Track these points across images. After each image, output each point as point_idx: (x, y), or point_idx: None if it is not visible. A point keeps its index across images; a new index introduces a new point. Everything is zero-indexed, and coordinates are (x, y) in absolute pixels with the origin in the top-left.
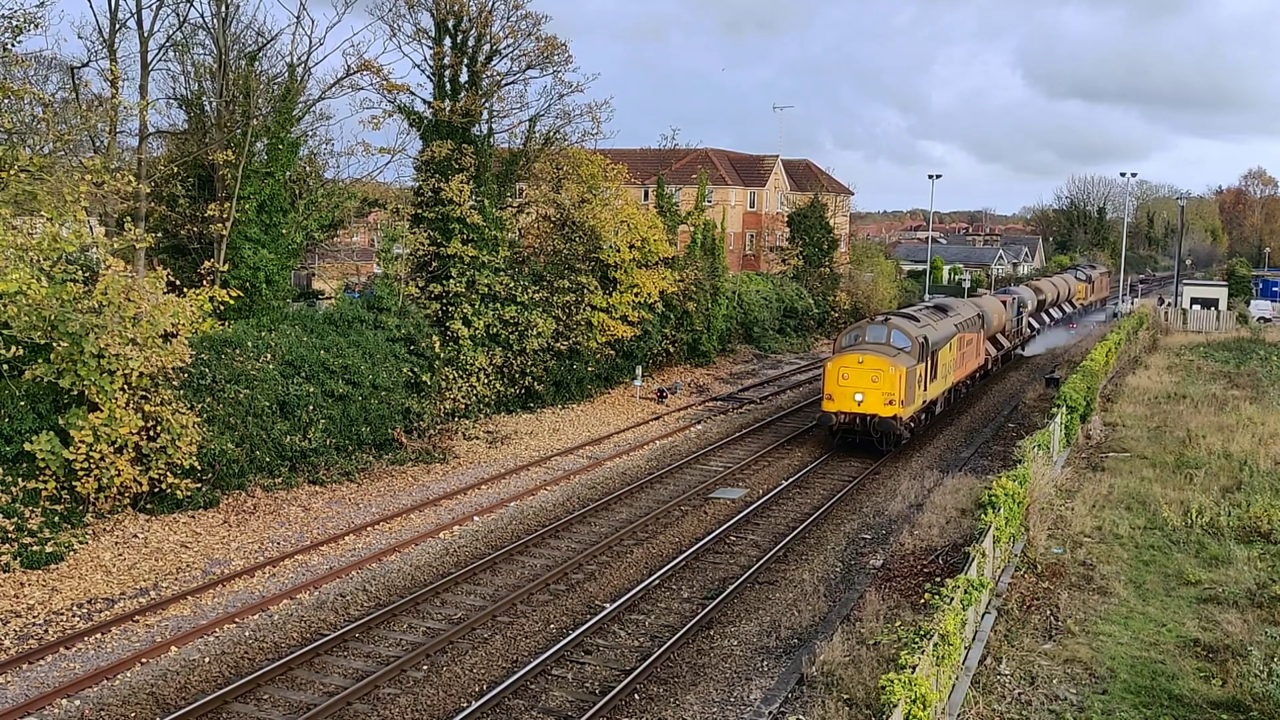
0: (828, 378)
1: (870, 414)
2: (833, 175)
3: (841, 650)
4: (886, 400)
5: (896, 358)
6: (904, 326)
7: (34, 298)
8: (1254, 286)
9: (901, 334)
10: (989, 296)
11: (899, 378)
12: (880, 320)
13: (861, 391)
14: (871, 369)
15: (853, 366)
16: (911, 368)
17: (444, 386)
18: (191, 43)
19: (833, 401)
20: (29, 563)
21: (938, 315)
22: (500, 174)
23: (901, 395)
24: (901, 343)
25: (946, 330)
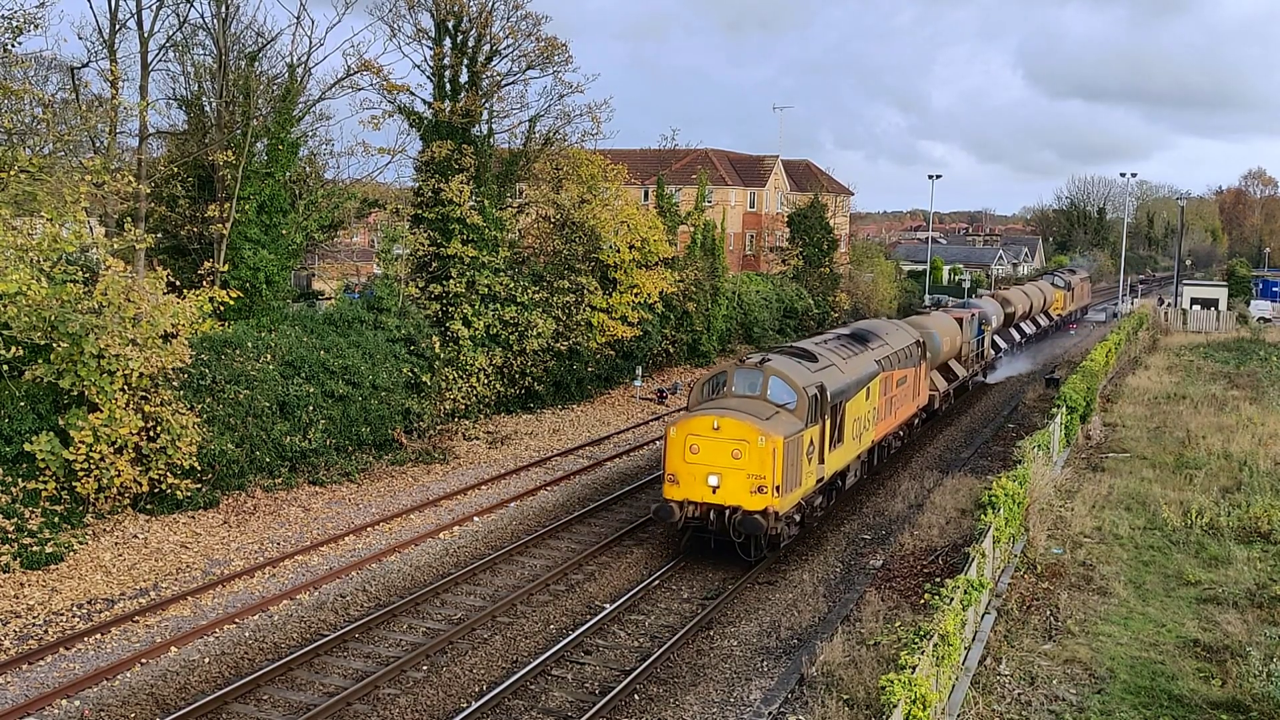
0: (670, 450)
1: (730, 506)
2: (833, 175)
3: (841, 650)
4: (754, 486)
5: (772, 421)
6: (788, 371)
7: (34, 298)
8: (1254, 287)
9: (783, 383)
10: (939, 314)
11: (773, 452)
12: (754, 363)
13: (717, 472)
14: (732, 439)
15: (705, 435)
16: (795, 435)
17: (444, 387)
18: (191, 43)
19: (677, 485)
20: (29, 563)
21: (851, 348)
22: (500, 174)
23: (777, 477)
24: (783, 396)
25: (862, 370)
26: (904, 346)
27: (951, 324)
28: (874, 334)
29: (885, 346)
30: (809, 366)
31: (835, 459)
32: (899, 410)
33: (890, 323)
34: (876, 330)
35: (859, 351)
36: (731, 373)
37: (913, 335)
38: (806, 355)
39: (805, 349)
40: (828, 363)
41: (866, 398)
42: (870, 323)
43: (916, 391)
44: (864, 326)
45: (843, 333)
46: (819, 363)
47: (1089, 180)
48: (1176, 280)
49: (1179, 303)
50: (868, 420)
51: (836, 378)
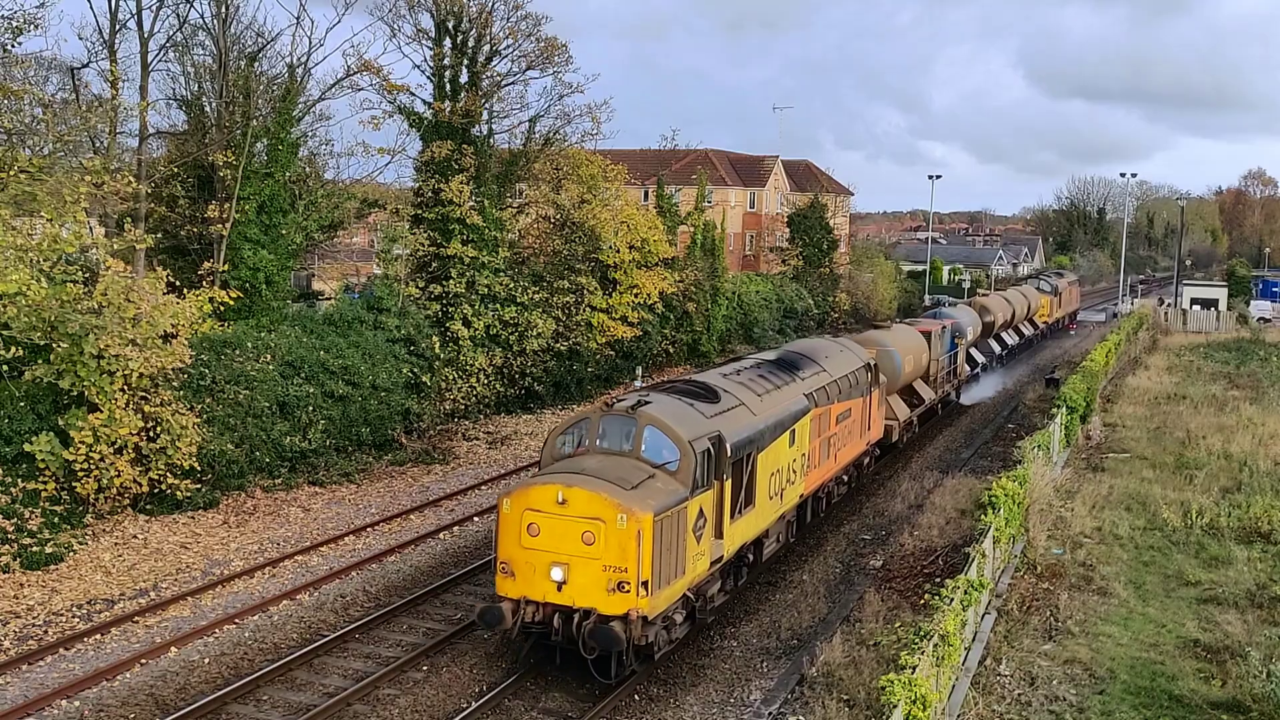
0: (503, 529)
1: (580, 608)
2: (833, 176)
3: (841, 651)
4: (612, 582)
5: (641, 490)
6: (671, 419)
7: (34, 298)
8: (1254, 287)
9: (663, 435)
10: (902, 327)
11: (637, 535)
12: (626, 408)
13: (564, 561)
14: (583, 516)
15: (547, 510)
16: (674, 507)
17: (444, 387)
18: (191, 43)
19: (511, 579)
20: (29, 563)
21: (772, 380)
22: (500, 174)
23: (644, 569)
24: (663, 453)
25: (785, 407)
26: (848, 373)
27: (916, 339)
28: (807, 358)
29: (820, 374)
30: (704, 410)
31: (742, 529)
32: (842, 451)
33: (833, 343)
34: (812, 353)
35: (783, 383)
36: (595, 421)
37: (861, 357)
38: (704, 393)
39: (706, 384)
40: (733, 402)
41: (791, 442)
42: (806, 344)
43: (867, 424)
44: (796, 350)
45: (766, 359)
46: (720, 403)
47: (1089, 180)
48: (1176, 280)
49: (1179, 303)
50: (793, 471)
51: (744, 422)
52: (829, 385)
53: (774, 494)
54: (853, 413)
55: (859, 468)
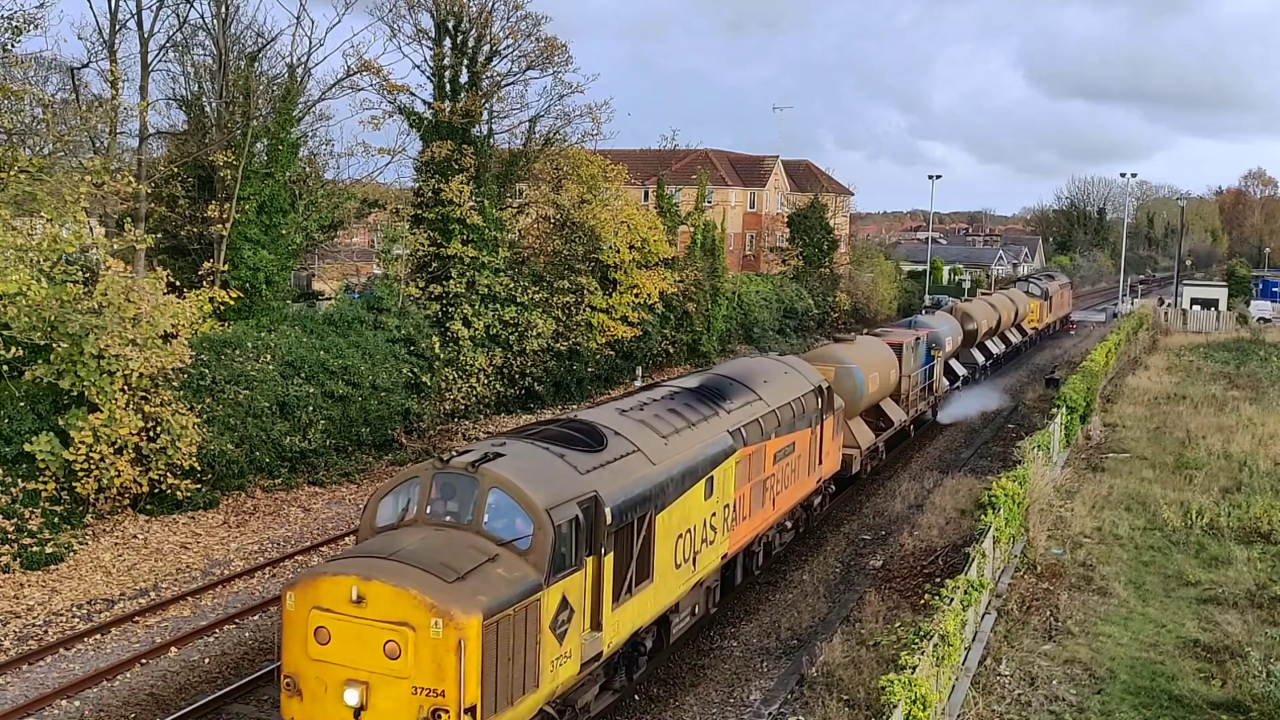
0: (287, 632)
1: None
2: (833, 176)
3: (841, 651)
4: (426, 710)
5: (474, 579)
6: (523, 479)
7: (34, 298)
8: (1254, 287)
9: (511, 501)
10: (868, 340)
11: (458, 646)
12: (466, 464)
13: (362, 680)
14: (384, 622)
15: (341, 611)
16: (516, 604)
17: (444, 387)
18: (191, 43)
19: (299, 699)
20: (29, 563)
21: (687, 414)
22: (500, 174)
23: (470, 692)
24: (512, 525)
25: (699, 450)
26: (791, 400)
27: (883, 354)
28: (739, 384)
29: (753, 404)
30: (579, 462)
31: (633, 612)
32: (783, 495)
33: (776, 363)
34: (745, 378)
35: (700, 418)
36: (426, 481)
37: (810, 380)
38: (585, 438)
39: (591, 426)
40: (624, 449)
41: (709, 493)
42: (740, 366)
43: (818, 458)
44: (726, 374)
45: (685, 386)
46: (605, 451)
47: (1089, 180)
48: (1176, 280)
49: (1179, 303)
50: (711, 528)
51: (636, 475)
52: (764, 417)
53: (683, 560)
54: (797, 447)
55: (808, 508)
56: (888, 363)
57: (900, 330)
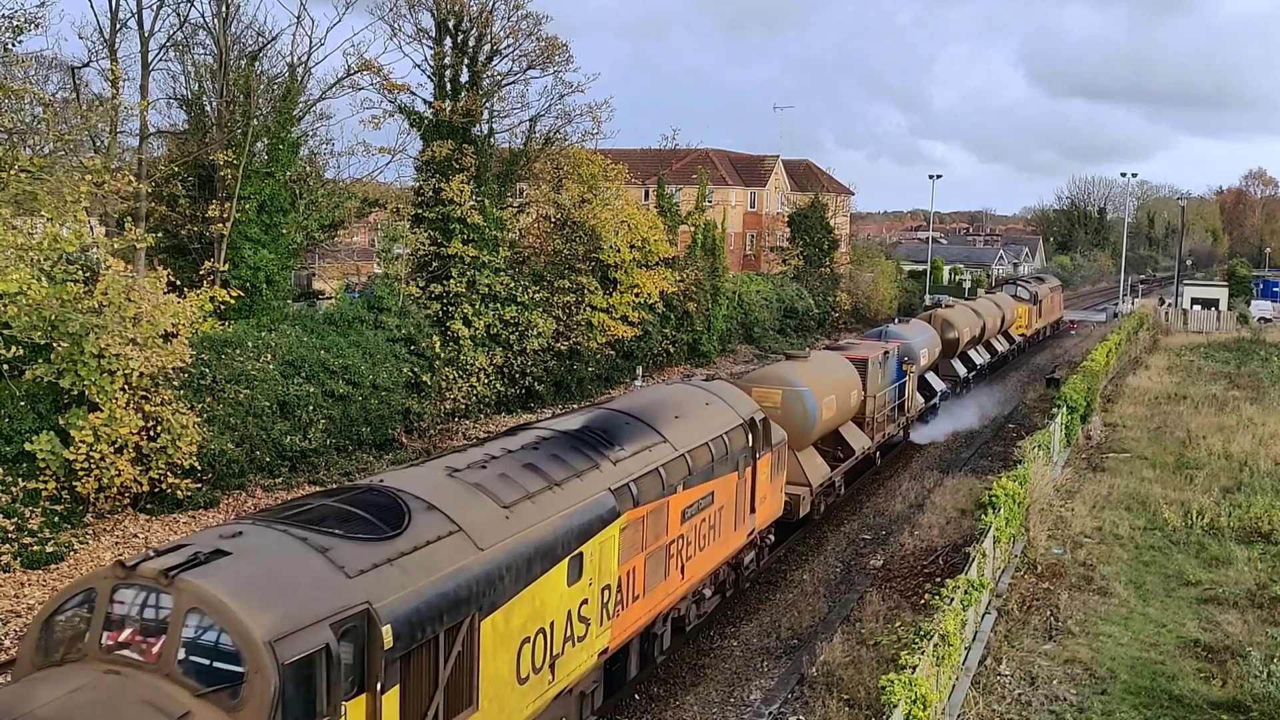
0: None
1: None
2: (833, 175)
3: (841, 650)
4: None
5: None
6: (234, 597)
7: (34, 298)
8: (1254, 287)
9: (217, 627)
10: (825, 355)
11: None
12: (157, 574)
13: None
14: None
15: None
16: None
17: (444, 387)
18: (192, 43)
19: None
20: (29, 563)
21: (546, 470)
22: (501, 174)
23: None
24: (219, 658)
25: (561, 520)
26: (710, 439)
27: (843, 372)
28: (638, 423)
29: (654, 449)
30: (350, 557)
31: None
32: (698, 559)
33: (696, 392)
34: (648, 414)
35: (572, 474)
36: (104, 596)
37: (738, 412)
38: (373, 518)
39: (391, 496)
40: (435, 530)
41: (576, 576)
42: (644, 399)
43: (749, 506)
44: (624, 409)
45: (559, 429)
46: (401, 535)
47: (1089, 180)
48: (1177, 280)
49: (1179, 303)
50: (580, 621)
51: (446, 568)
52: (669, 465)
53: (533, 670)
54: (718, 497)
55: (739, 567)
56: (848, 382)
57: (868, 343)
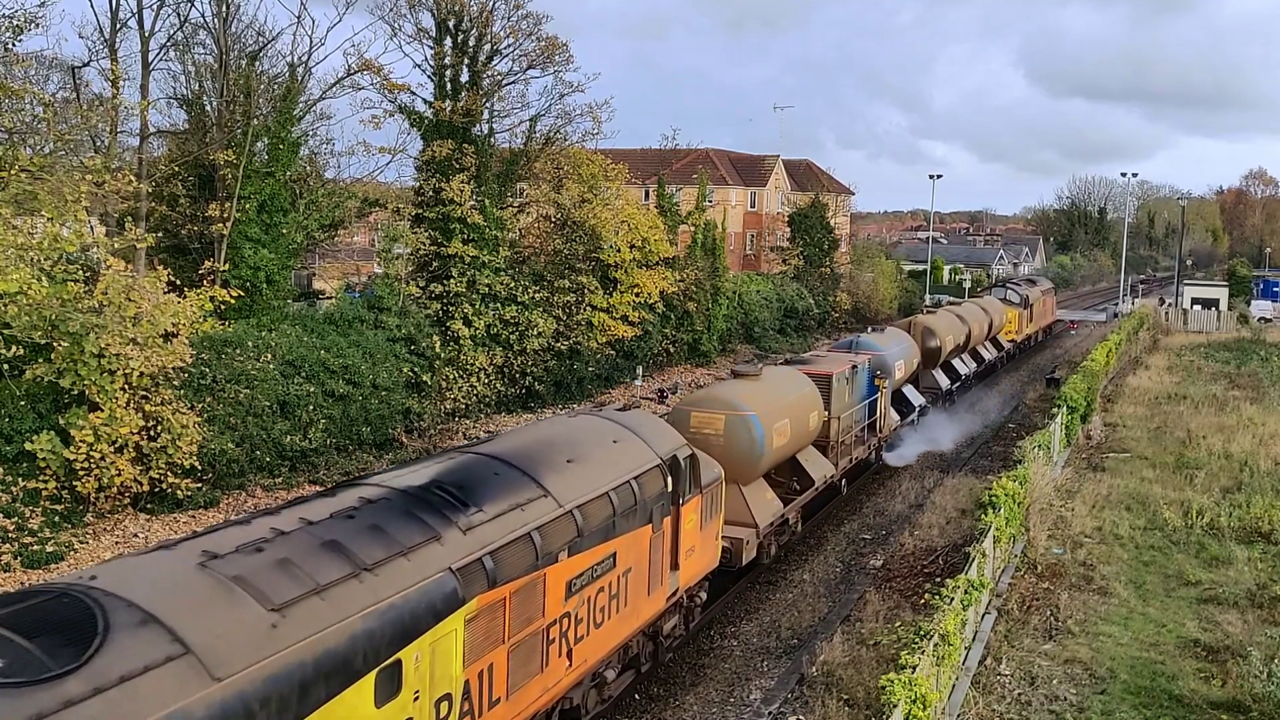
0: None
1: None
2: (834, 175)
3: (841, 650)
4: None
5: None
6: None
7: (34, 297)
8: (1254, 287)
9: None
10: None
11: None
12: None
13: None
14: None
15: None
16: None
17: (444, 386)
18: (192, 42)
19: None
20: (29, 562)
21: (358, 544)
22: (501, 174)
23: None
24: None
25: (366, 620)
26: (611, 488)
27: (801, 392)
28: (514, 472)
29: (527, 508)
30: None
31: None
32: (592, 639)
33: (603, 427)
34: (528, 460)
35: (394, 552)
36: None
37: (654, 450)
38: (43, 640)
39: (83, 607)
40: (158, 652)
41: (389, 692)
42: (528, 439)
43: (669, 562)
44: (499, 453)
45: (397, 486)
46: (89, 661)
47: (1090, 180)
48: (1177, 280)
49: (1179, 303)
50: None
51: (158, 713)
52: (548, 527)
53: None
54: (623, 558)
55: (657, 636)
56: (807, 403)
57: (835, 355)
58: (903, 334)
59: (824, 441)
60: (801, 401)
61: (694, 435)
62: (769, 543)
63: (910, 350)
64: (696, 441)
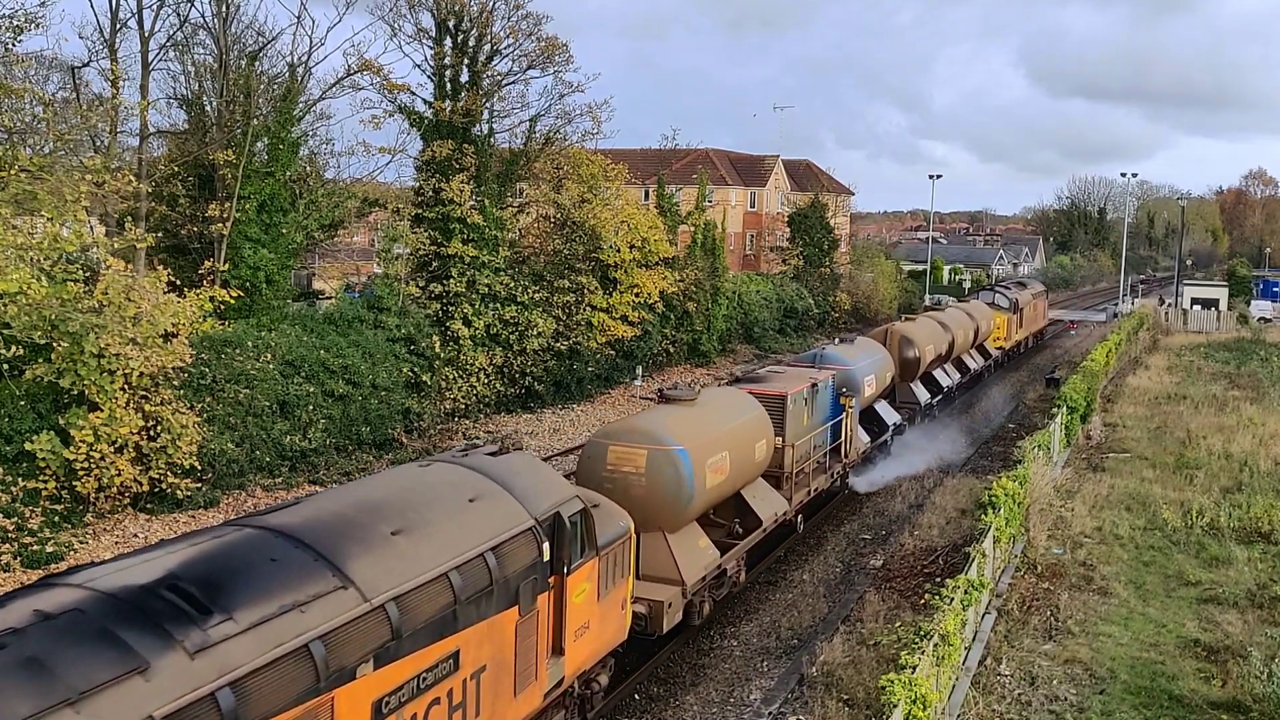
0: None
1: None
2: (833, 175)
3: (841, 650)
4: None
5: None
6: None
7: (34, 297)
8: (1254, 287)
9: None
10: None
11: None
12: None
13: None
14: None
15: None
16: None
17: (444, 386)
18: (192, 42)
19: None
20: (29, 562)
21: None
22: (501, 174)
23: None
24: None
25: None
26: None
27: (746, 416)
28: (308, 553)
29: (316, 603)
30: None
31: None
32: None
33: (465, 478)
34: (333, 535)
35: (60, 697)
36: None
37: (525, 511)
38: None
39: None
40: None
41: None
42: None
43: (546, 652)
44: (283, 528)
45: (109, 588)
46: None
47: (1090, 180)
48: (1177, 280)
49: (1179, 303)
50: None
51: None
52: (341, 633)
53: None
54: (471, 656)
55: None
56: (753, 430)
57: (794, 371)
58: (875, 345)
59: (777, 472)
60: (746, 429)
61: (611, 474)
62: (701, 600)
63: (883, 363)
64: (614, 482)
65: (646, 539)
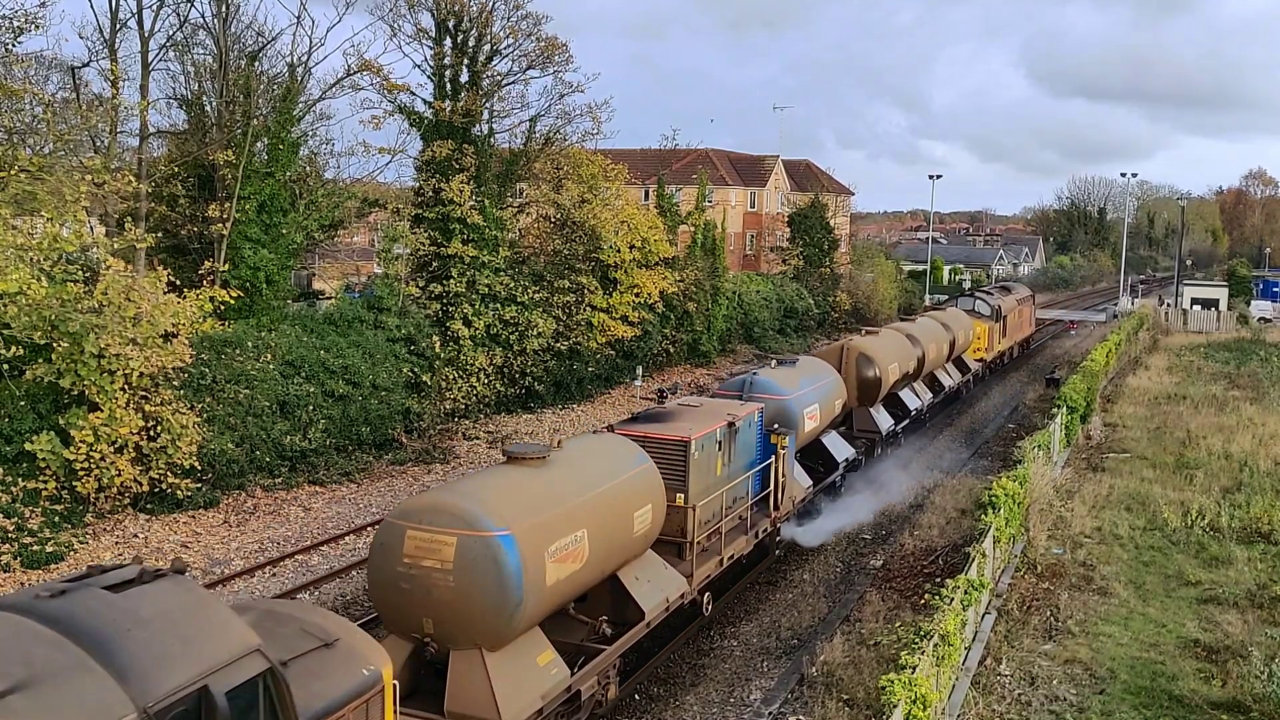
0: None
1: None
2: (834, 175)
3: (841, 650)
4: None
5: None
6: None
7: (34, 298)
8: (1254, 287)
9: None
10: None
11: None
12: None
13: None
14: None
15: None
16: None
17: (444, 387)
18: (192, 43)
19: None
20: (29, 563)
21: None
22: (501, 174)
23: None
24: None
25: None
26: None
27: (620, 477)
28: None
29: None
30: None
31: None
32: None
33: (8, 646)
34: None
35: None
36: None
37: (124, 698)
38: None
39: None
40: None
41: None
42: None
43: None
44: None
45: None
46: None
47: (1090, 180)
48: (1177, 280)
49: (1179, 303)
50: None
51: None
52: None
53: None
54: None
55: None
56: (635, 492)
57: (711, 405)
58: (824, 367)
59: (677, 540)
60: (621, 493)
61: (408, 570)
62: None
63: (831, 388)
64: (412, 580)
65: (456, 661)
